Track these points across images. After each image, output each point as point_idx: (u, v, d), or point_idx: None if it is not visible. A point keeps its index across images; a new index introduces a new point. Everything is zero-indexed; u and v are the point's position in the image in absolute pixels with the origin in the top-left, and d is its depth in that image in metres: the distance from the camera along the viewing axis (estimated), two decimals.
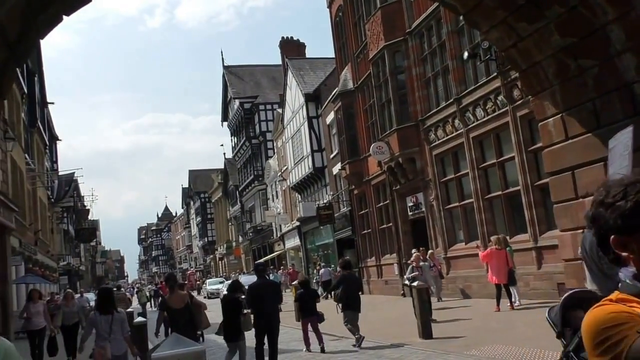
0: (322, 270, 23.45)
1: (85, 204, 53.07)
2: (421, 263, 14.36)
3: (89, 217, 60.17)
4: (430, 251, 16.28)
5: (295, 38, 38.70)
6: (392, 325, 12.66)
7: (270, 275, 24.95)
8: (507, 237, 12.92)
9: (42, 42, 15.96)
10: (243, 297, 8.90)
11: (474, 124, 15.07)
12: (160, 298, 32.81)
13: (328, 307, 11.89)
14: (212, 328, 9.55)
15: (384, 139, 19.09)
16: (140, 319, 10.30)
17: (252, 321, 8.60)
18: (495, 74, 13.75)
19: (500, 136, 14.38)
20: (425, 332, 9.95)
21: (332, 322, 11.41)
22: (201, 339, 9.59)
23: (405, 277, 12.34)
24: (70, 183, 43.00)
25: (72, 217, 48.79)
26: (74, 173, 43.51)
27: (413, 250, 15.41)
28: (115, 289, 19.35)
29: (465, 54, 13.86)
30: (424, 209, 18.23)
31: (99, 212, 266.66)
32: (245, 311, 8.59)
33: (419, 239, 18.82)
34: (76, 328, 13.08)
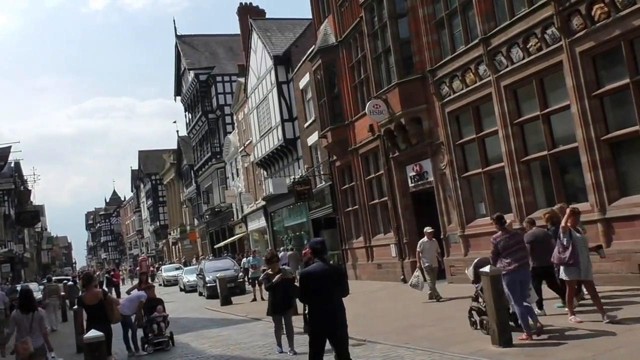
0: (281, 254, 20.18)
1: (28, 186, 48.95)
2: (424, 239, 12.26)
3: (32, 200, 55.87)
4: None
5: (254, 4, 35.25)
6: (431, 324, 9.58)
7: (248, 258, 21.62)
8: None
9: None
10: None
11: (507, 69, 12.09)
12: (113, 287, 29.75)
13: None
14: None
15: (381, 97, 15.92)
16: (93, 333, 6.96)
17: (308, 322, 6.22)
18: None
19: (545, 81, 11.45)
20: (503, 338, 6.94)
21: None
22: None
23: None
24: (5, 158, 38.19)
25: (13, 201, 44.37)
26: (10, 147, 38.48)
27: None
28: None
29: None
30: (431, 179, 15.24)
31: (45, 198, 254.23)
32: None
33: (424, 214, 15.88)
34: None
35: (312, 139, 23.52)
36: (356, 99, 18.99)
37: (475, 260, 8.63)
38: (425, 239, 12.40)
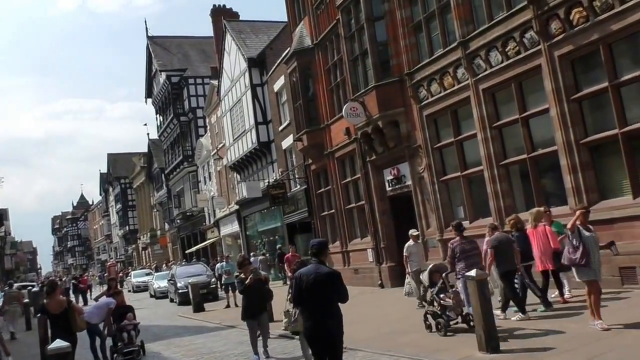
0: (252, 259, 19.71)
1: None
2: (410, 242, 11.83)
3: None
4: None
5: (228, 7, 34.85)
6: (414, 330, 9.40)
7: (221, 264, 21.13)
8: (544, 210, 9.96)
9: None
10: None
11: (485, 73, 12.06)
12: (80, 293, 28.81)
13: None
14: None
15: (358, 99, 15.76)
16: (58, 344, 6.52)
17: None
18: (524, 3, 10.74)
19: (524, 85, 11.45)
20: (491, 344, 6.79)
21: None
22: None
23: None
24: None
25: None
26: None
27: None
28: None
29: None
30: (409, 183, 15.13)
31: (9, 202, 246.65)
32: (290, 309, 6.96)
33: (402, 218, 15.78)
34: None
35: (287, 142, 23.24)
36: (332, 102, 18.81)
37: (430, 266, 9.22)
38: (411, 242, 11.89)
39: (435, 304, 8.70)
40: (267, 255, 25.73)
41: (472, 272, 7.02)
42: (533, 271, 9.59)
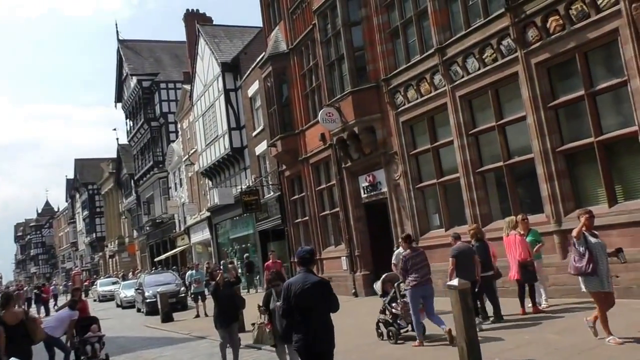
0: (221, 268, 19.21)
1: None
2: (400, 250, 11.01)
3: None
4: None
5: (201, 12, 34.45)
6: (392, 340, 9.17)
7: (190, 272, 20.56)
8: (521, 218, 9.88)
9: None
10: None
11: (462, 79, 12.01)
12: (43, 304, 27.68)
13: None
14: None
15: (334, 105, 15.57)
16: None
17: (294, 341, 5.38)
18: (501, 10, 10.72)
19: (500, 92, 11.42)
20: (472, 356, 6.58)
21: None
22: None
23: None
24: None
25: None
26: None
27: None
28: None
29: None
30: (384, 189, 14.97)
31: None
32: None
33: (376, 226, 15.62)
34: None
35: (261, 148, 22.91)
36: (307, 107, 18.60)
37: (383, 276, 9.59)
38: (400, 249, 11.02)
39: (387, 312, 9.13)
40: (235, 263, 25.31)
41: (454, 282, 6.82)
42: (506, 280, 9.49)
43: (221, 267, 23.03)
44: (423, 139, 13.64)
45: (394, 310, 9.00)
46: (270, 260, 17.45)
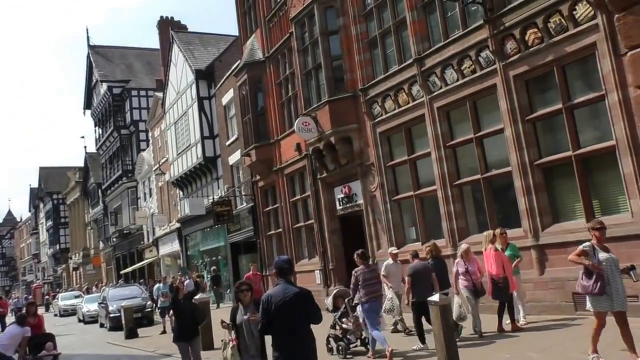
0: (186, 282, 18.26)
1: None
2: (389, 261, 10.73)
3: None
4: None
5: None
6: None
7: (158, 285, 19.87)
8: (500, 232, 9.73)
9: None
10: None
11: (441, 91, 11.91)
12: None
13: None
14: None
15: (311, 114, 15.33)
16: None
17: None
18: (481, 22, 10.67)
19: (479, 104, 11.35)
20: None
21: None
22: None
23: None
24: None
25: None
26: None
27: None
28: None
29: None
30: (360, 201, 14.73)
31: None
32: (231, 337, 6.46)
33: (352, 239, 15.33)
34: None
35: (234, 157, 22.49)
36: (283, 116, 18.32)
37: (335, 291, 9.84)
38: (390, 260, 10.83)
39: (338, 327, 9.29)
40: (203, 276, 24.69)
41: (435, 298, 6.57)
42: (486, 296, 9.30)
43: (182, 274, 22.42)
44: (400, 150, 13.48)
45: (344, 326, 9.13)
46: (251, 272, 16.81)
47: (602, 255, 6.31)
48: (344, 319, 9.19)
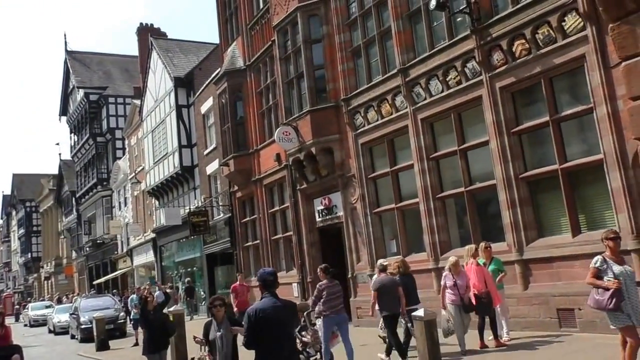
0: (156, 293, 17.36)
1: None
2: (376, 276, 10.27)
3: None
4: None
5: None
6: None
7: (131, 297, 19.17)
8: (484, 247, 9.47)
9: None
10: None
11: (425, 102, 11.68)
12: None
13: None
14: None
15: (291, 124, 14.99)
16: None
17: None
18: (467, 32, 10.49)
19: (463, 116, 11.13)
20: None
21: None
22: None
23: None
24: None
25: None
26: None
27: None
28: None
29: (433, 2, 10.43)
30: (340, 214, 14.38)
31: None
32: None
33: (331, 252, 14.97)
34: None
35: (212, 167, 22.00)
36: (263, 126, 17.95)
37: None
38: (381, 274, 10.17)
39: (297, 340, 9.16)
40: (178, 287, 24.05)
41: (420, 312, 6.23)
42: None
43: (151, 285, 21.76)
44: (382, 162, 13.20)
45: (303, 339, 9.12)
46: (238, 282, 15.50)
47: (616, 268, 5.80)
48: (303, 332, 9.18)
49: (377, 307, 9.07)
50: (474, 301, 8.88)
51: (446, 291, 8.95)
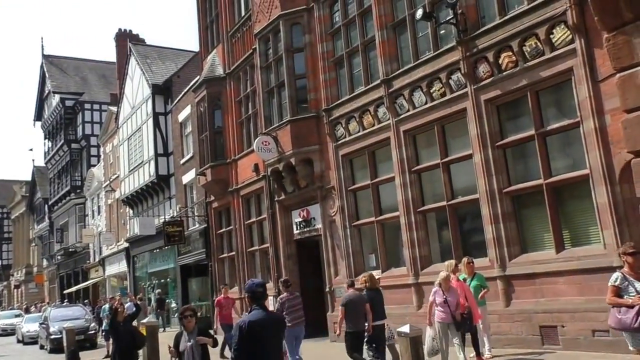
0: (127, 304, 16.51)
1: None
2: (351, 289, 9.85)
3: None
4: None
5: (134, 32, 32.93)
6: None
7: (104, 307, 18.44)
8: (467, 262, 9.20)
9: None
10: None
11: (408, 113, 11.44)
12: None
13: None
14: None
15: (271, 134, 14.63)
16: None
17: None
18: (453, 44, 10.30)
19: (447, 128, 10.91)
20: None
21: None
22: None
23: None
24: None
25: None
26: None
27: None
28: None
29: (420, 12, 10.22)
30: (319, 226, 14.01)
31: None
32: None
33: (308, 264, 14.60)
34: None
35: (188, 177, 21.47)
36: (241, 135, 17.56)
37: None
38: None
39: None
40: (150, 299, 23.31)
41: (406, 329, 5.88)
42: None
43: (121, 295, 21.09)
44: (363, 174, 12.90)
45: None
46: (222, 296, 13.94)
47: (638, 285, 5.39)
48: None
49: (343, 324, 8.76)
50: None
51: (435, 308, 8.42)
